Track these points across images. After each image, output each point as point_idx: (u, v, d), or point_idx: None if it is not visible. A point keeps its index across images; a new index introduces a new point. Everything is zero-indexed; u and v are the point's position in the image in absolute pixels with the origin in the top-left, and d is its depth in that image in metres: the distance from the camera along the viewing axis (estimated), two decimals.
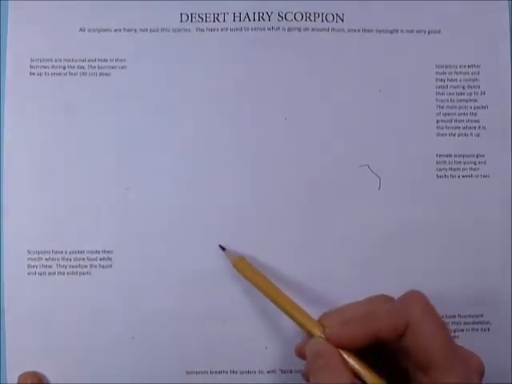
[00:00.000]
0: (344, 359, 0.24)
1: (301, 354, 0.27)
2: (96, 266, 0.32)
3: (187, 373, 0.31)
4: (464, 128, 0.33)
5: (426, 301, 0.26)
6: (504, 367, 0.32)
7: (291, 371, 0.31)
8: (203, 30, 0.33)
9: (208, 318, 0.31)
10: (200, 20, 0.33)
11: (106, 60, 0.32)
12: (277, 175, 0.32)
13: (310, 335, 0.26)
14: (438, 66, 0.33)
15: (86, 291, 0.31)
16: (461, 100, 0.33)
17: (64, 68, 0.32)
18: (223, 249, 0.31)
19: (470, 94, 0.33)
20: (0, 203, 0.32)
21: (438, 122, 0.33)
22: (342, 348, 0.25)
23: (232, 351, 0.31)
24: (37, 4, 0.32)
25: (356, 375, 0.24)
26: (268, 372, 0.31)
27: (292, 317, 0.27)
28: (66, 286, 0.31)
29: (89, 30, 0.32)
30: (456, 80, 0.33)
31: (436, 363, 0.24)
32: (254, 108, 0.32)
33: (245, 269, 0.30)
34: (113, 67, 0.32)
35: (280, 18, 0.33)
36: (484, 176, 0.32)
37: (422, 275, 0.32)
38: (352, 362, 0.25)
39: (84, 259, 0.31)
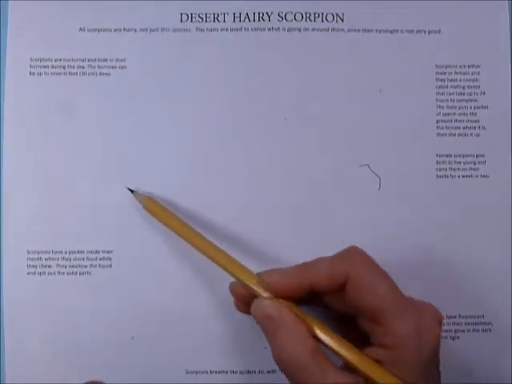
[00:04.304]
0: (296, 317, 0.25)
1: (236, 294, 0.27)
2: (96, 266, 0.31)
3: (187, 373, 0.31)
4: (464, 128, 0.33)
5: (364, 254, 0.26)
6: (505, 367, 0.32)
7: None
8: (203, 30, 0.33)
9: (208, 317, 0.31)
10: (200, 20, 0.33)
11: (105, 60, 0.32)
12: (277, 175, 0.32)
13: (243, 284, 0.26)
14: (437, 66, 0.33)
15: (85, 291, 0.31)
16: (461, 100, 0.33)
17: (64, 68, 0.32)
18: (132, 191, 0.31)
19: (470, 93, 0.33)
20: (0, 203, 0.32)
21: (437, 122, 0.33)
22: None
23: (232, 351, 0.31)
24: (37, 4, 0.32)
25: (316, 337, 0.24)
26: (268, 372, 0.31)
27: (220, 263, 0.28)
28: (65, 286, 0.31)
29: (89, 30, 0.32)
30: (456, 80, 0.33)
31: (385, 311, 0.24)
32: (253, 108, 0.32)
33: (156, 209, 0.30)
34: (113, 67, 0.32)
35: (280, 18, 0.33)
36: (484, 176, 0.32)
37: (421, 275, 0.32)
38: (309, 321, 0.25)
39: (84, 259, 0.31)
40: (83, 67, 0.32)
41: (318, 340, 0.25)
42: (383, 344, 0.24)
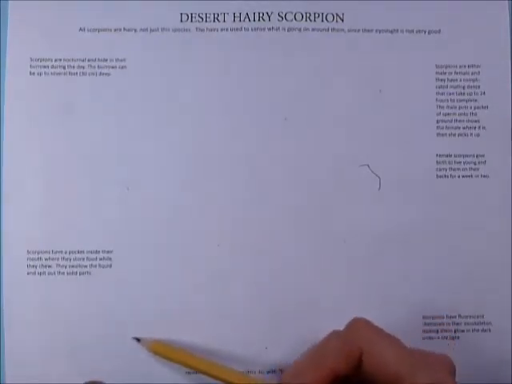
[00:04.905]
0: None
1: None
2: (96, 266, 0.31)
3: (187, 373, 0.31)
4: (464, 128, 0.33)
5: (369, 324, 0.26)
6: (504, 368, 0.32)
7: None
8: (203, 30, 0.33)
9: (208, 317, 0.31)
10: (200, 20, 0.33)
11: (105, 60, 0.32)
12: (276, 175, 0.32)
13: None
14: (437, 66, 0.33)
15: (85, 291, 0.31)
16: (461, 100, 0.33)
17: (64, 68, 0.32)
18: (138, 340, 0.31)
19: (470, 94, 0.33)
20: (0, 203, 0.32)
21: (438, 122, 0.33)
22: None
23: (232, 351, 0.31)
24: (37, 4, 0.32)
25: None
26: (268, 372, 0.31)
27: None
28: (65, 286, 0.31)
29: (89, 30, 0.32)
30: (456, 80, 0.33)
31: (401, 375, 0.24)
32: (253, 108, 0.32)
33: (164, 350, 0.30)
34: (113, 67, 0.32)
35: (280, 18, 0.33)
36: (484, 176, 0.32)
37: (421, 275, 0.32)
38: None
39: (84, 259, 0.31)
40: (83, 67, 0.32)
41: None
42: None
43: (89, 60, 0.32)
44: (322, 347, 0.27)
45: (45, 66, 0.32)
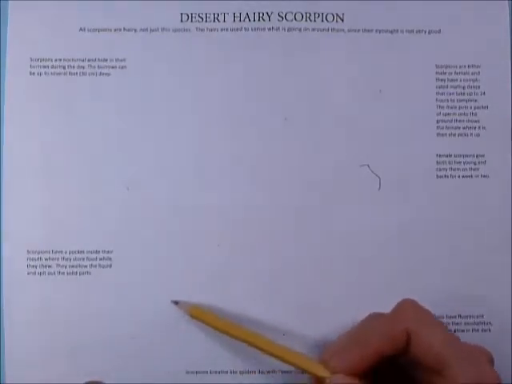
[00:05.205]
0: None
1: None
2: (96, 266, 0.31)
3: (187, 373, 0.31)
4: (464, 128, 0.33)
5: (417, 304, 0.26)
6: (504, 368, 0.32)
7: (291, 371, 0.31)
8: (203, 30, 0.33)
9: None
10: (200, 20, 0.33)
11: (105, 60, 0.32)
12: (277, 175, 0.32)
13: (312, 375, 0.26)
14: (438, 66, 0.33)
15: (85, 291, 0.31)
16: (461, 100, 0.33)
17: (64, 68, 0.32)
18: (176, 303, 0.31)
19: (470, 94, 0.33)
20: (0, 203, 0.32)
21: (438, 122, 0.33)
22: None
23: (232, 351, 0.31)
24: (37, 4, 0.32)
25: None
26: (268, 372, 0.31)
27: (288, 361, 0.28)
28: (65, 286, 0.31)
29: (89, 30, 0.32)
30: (456, 80, 0.33)
31: (448, 362, 0.24)
32: (253, 108, 0.32)
33: (202, 316, 0.30)
34: (113, 67, 0.32)
35: (280, 18, 0.33)
36: (484, 176, 0.32)
37: (421, 275, 0.32)
38: None
39: (84, 259, 0.31)
40: (83, 67, 0.32)
41: None
42: None
43: (89, 60, 0.32)
44: (367, 327, 0.26)
45: (45, 66, 0.32)
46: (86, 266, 0.31)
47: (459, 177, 0.32)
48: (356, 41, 0.33)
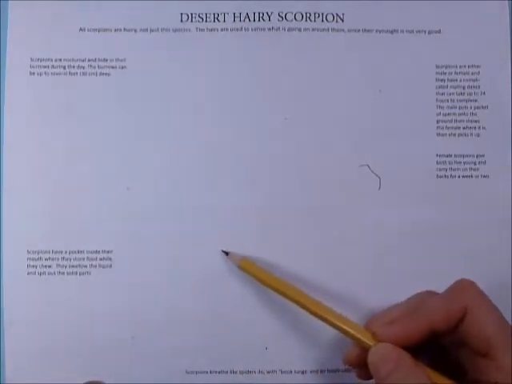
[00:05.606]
0: (415, 360, 0.24)
1: (351, 362, 0.27)
2: (96, 266, 0.31)
3: (187, 373, 0.31)
4: (464, 128, 0.33)
5: (477, 287, 0.26)
6: None
7: (291, 371, 0.31)
8: (203, 30, 0.33)
9: (208, 317, 0.31)
10: (200, 20, 0.33)
11: (106, 60, 0.32)
12: (277, 175, 0.32)
13: (358, 341, 0.26)
14: (437, 66, 0.33)
15: (85, 291, 0.31)
16: (461, 100, 0.33)
17: (64, 68, 0.32)
18: (226, 253, 0.31)
19: (470, 94, 0.33)
20: (0, 203, 0.32)
21: (438, 122, 0.33)
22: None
23: (232, 351, 0.31)
24: (37, 4, 0.32)
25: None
26: (268, 372, 0.31)
27: (331, 323, 0.27)
28: (65, 286, 0.31)
29: (89, 30, 0.32)
30: (456, 80, 0.33)
31: (498, 344, 0.24)
32: (253, 108, 0.32)
33: (251, 269, 0.30)
34: (113, 67, 0.32)
35: (280, 18, 0.33)
36: (484, 176, 0.32)
37: (422, 275, 0.32)
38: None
39: (84, 259, 0.31)
40: (83, 67, 0.32)
41: None
42: (493, 378, 0.24)
43: (89, 60, 0.32)
44: (420, 302, 0.26)
45: (45, 66, 0.32)
46: (85, 266, 0.31)
47: (459, 177, 0.32)
48: (356, 41, 0.33)
